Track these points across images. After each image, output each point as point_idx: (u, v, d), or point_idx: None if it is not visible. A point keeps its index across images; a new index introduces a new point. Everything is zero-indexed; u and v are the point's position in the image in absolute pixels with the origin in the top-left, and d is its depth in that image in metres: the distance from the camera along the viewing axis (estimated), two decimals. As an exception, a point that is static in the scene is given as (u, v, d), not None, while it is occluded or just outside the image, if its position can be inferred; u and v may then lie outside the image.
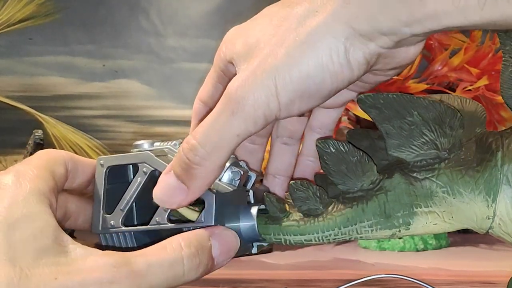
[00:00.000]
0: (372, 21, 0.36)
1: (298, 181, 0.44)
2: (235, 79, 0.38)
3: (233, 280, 0.74)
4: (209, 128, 0.39)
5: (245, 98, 0.37)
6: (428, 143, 0.42)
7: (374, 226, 0.43)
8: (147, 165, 0.44)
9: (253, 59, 0.38)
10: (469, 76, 1.01)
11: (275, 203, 0.44)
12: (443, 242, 1.06)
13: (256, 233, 0.44)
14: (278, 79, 0.37)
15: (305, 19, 0.37)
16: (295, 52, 0.37)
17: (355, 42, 0.36)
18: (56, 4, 1.37)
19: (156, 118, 1.40)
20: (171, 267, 0.39)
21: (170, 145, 0.45)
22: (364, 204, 0.43)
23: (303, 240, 0.45)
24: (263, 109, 0.37)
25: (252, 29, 0.40)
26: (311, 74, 0.37)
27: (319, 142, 0.43)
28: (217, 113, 0.38)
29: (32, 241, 0.36)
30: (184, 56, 1.41)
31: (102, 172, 0.45)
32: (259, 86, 0.37)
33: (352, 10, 0.36)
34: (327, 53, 0.36)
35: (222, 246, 0.41)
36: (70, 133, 1.33)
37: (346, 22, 0.36)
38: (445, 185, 0.42)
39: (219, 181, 0.43)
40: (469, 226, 0.43)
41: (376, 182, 0.43)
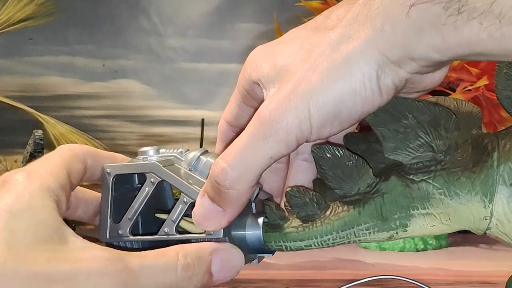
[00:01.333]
0: (405, 48, 0.36)
1: (295, 188, 0.44)
2: (267, 103, 0.38)
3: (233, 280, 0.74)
4: (240, 151, 0.38)
5: (278, 121, 0.37)
6: (424, 146, 0.42)
7: (371, 229, 0.43)
8: (154, 175, 0.43)
9: (284, 83, 0.38)
10: (469, 76, 1.01)
11: (275, 211, 0.45)
12: (443, 242, 1.06)
13: (261, 242, 0.44)
14: (311, 103, 0.37)
15: (338, 45, 0.37)
16: (329, 78, 0.37)
17: (386, 69, 0.37)
18: (56, 4, 1.37)
19: (156, 118, 1.40)
20: (164, 273, 0.39)
21: (176, 153, 0.45)
22: (360, 207, 0.43)
23: (303, 245, 0.45)
24: (295, 132, 0.37)
25: (280, 52, 0.40)
26: (344, 99, 0.37)
27: (314, 148, 0.43)
28: (249, 136, 0.38)
29: (33, 230, 0.37)
30: (184, 56, 1.41)
31: (109, 181, 0.44)
32: (293, 110, 0.37)
33: (386, 37, 0.36)
34: (360, 79, 0.37)
35: (223, 263, 0.41)
36: (70, 133, 1.33)
37: (379, 49, 0.36)
38: (442, 187, 0.42)
39: None
40: (466, 227, 0.43)
41: (372, 185, 0.43)
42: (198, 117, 1.40)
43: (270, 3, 1.40)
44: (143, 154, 0.45)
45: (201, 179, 0.43)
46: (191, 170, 0.44)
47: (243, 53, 1.40)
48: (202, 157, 0.44)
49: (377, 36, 0.36)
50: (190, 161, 0.44)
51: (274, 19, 1.16)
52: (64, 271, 0.36)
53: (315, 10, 1.12)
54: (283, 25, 1.16)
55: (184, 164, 0.44)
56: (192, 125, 1.40)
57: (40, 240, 0.37)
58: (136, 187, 0.46)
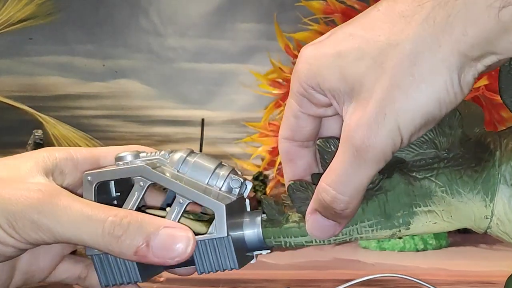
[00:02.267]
0: (487, 46, 0.36)
1: (297, 182, 0.44)
2: (355, 127, 0.38)
3: (233, 280, 0.74)
4: (343, 177, 0.39)
5: (375, 147, 0.38)
6: (427, 142, 0.42)
7: (374, 226, 0.43)
8: (144, 178, 0.42)
9: (365, 101, 0.38)
10: (469, 76, 1.01)
11: (274, 206, 0.44)
12: (443, 242, 1.06)
13: (261, 240, 0.44)
14: (401, 122, 0.37)
15: (416, 57, 0.36)
16: (413, 94, 0.36)
17: (466, 68, 0.36)
18: (56, 4, 1.37)
19: (156, 118, 1.40)
20: (88, 220, 0.40)
21: (159, 155, 0.44)
22: (364, 204, 0.43)
23: (304, 241, 0.44)
24: (390, 149, 0.38)
25: (342, 58, 0.39)
26: (430, 110, 0.37)
27: (320, 141, 0.43)
28: (348, 163, 0.39)
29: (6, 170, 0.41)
30: (184, 56, 1.41)
31: (91, 189, 0.43)
32: (384, 134, 0.37)
33: (469, 40, 0.35)
34: (443, 88, 0.36)
35: (166, 239, 0.40)
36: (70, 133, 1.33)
37: (460, 52, 0.36)
38: (444, 185, 0.42)
39: (219, 190, 0.43)
40: (467, 225, 0.43)
41: (376, 182, 0.43)
42: (198, 117, 1.40)
43: (270, 3, 1.40)
44: (121, 159, 0.43)
45: (192, 179, 0.43)
46: (179, 172, 0.43)
47: (243, 53, 1.40)
48: (189, 158, 0.43)
49: (460, 41, 0.35)
50: (177, 162, 0.43)
51: (274, 19, 1.16)
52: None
53: (315, 10, 1.12)
54: (283, 25, 1.16)
55: (170, 166, 0.43)
56: (192, 125, 1.40)
57: (5, 177, 0.41)
58: (114, 196, 0.45)
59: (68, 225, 0.39)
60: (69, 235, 0.40)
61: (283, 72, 1.11)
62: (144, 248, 0.40)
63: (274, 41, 1.16)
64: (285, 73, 1.11)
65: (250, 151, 1.16)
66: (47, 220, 0.39)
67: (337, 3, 1.10)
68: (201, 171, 0.43)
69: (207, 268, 0.42)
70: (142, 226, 0.40)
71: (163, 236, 0.40)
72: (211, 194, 0.42)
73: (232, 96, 1.41)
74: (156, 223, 0.40)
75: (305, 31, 1.12)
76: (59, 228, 0.39)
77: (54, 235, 0.40)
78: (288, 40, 1.14)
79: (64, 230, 0.39)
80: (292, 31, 1.13)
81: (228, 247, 0.42)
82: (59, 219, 0.39)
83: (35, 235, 0.39)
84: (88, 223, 0.39)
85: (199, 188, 0.42)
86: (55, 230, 0.39)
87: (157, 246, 0.40)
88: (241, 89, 1.35)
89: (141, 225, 0.40)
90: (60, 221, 0.39)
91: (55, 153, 0.43)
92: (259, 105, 1.28)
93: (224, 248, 0.42)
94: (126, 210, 0.41)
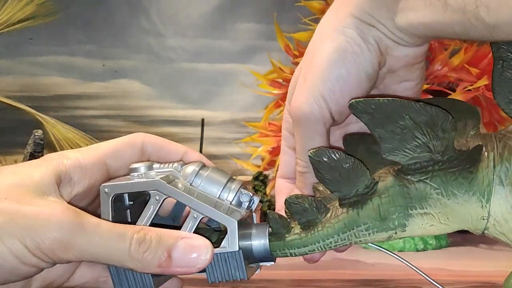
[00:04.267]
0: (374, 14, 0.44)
1: (293, 195, 0.45)
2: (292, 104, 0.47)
3: (233, 280, 0.75)
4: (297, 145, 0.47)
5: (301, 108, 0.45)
6: (421, 146, 0.42)
7: (370, 230, 0.44)
8: (159, 193, 0.43)
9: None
10: (469, 76, 1.01)
11: (278, 220, 0.45)
12: (443, 242, 1.06)
13: (267, 251, 0.45)
14: (314, 83, 0.44)
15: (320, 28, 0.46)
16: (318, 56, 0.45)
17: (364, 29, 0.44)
18: (56, 4, 1.37)
19: (156, 118, 1.40)
20: (116, 239, 0.40)
21: (172, 167, 0.45)
22: (359, 208, 0.43)
23: (307, 251, 0.45)
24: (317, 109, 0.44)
25: None
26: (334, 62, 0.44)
27: (311, 152, 0.43)
28: (296, 134, 0.47)
29: (19, 183, 0.41)
30: (184, 56, 1.41)
31: (108, 201, 0.44)
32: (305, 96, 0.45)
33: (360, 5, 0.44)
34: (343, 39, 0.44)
35: (186, 250, 0.41)
36: (70, 133, 1.33)
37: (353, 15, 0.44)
38: (439, 187, 0.42)
39: (230, 203, 0.44)
40: (465, 227, 0.43)
41: (370, 186, 0.43)
42: (198, 117, 1.40)
43: (270, 3, 1.40)
44: (136, 171, 0.44)
45: (204, 193, 0.44)
46: (192, 185, 0.44)
47: (243, 53, 1.40)
48: (201, 172, 0.45)
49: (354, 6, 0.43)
50: (190, 176, 0.44)
51: (274, 19, 1.16)
52: (15, 209, 0.39)
53: (315, 10, 1.12)
54: (283, 25, 1.16)
55: (183, 179, 0.44)
56: (192, 125, 1.40)
57: (21, 189, 0.40)
58: (127, 205, 0.46)
59: (99, 244, 0.40)
60: (98, 254, 0.40)
61: (283, 72, 1.11)
62: (167, 260, 0.41)
63: (274, 41, 1.16)
64: (285, 73, 1.11)
65: (250, 151, 1.15)
66: (79, 240, 0.39)
67: (337, 3, 1.10)
68: (213, 185, 0.44)
69: (218, 278, 0.43)
70: (162, 239, 0.41)
71: (183, 246, 0.41)
72: (222, 208, 0.43)
73: (232, 96, 1.41)
74: (174, 235, 0.41)
75: (305, 31, 1.12)
76: (90, 248, 0.39)
77: (83, 254, 0.40)
78: (288, 40, 1.13)
79: (94, 249, 0.40)
80: (292, 31, 1.12)
81: (238, 260, 0.43)
82: (91, 239, 0.39)
83: (63, 255, 0.39)
84: (117, 242, 0.40)
85: (211, 202, 0.43)
86: (86, 250, 0.39)
87: (178, 257, 0.41)
88: (241, 89, 1.35)
89: (161, 239, 0.41)
90: (91, 241, 0.39)
91: (63, 161, 0.43)
92: (259, 105, 1.28)
93: (235, 261, 0.43)
94: (146, 226, 0.42)
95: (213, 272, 0.43)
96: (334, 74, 0.43)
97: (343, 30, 0.43)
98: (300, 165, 0.46)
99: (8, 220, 0.38)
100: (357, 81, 0.43)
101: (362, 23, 0.43)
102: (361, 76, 0.43)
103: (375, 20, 0.43)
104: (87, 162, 0.44)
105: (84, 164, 0.44)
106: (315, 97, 0.43)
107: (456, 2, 0.39)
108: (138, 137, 0.47)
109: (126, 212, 0.46)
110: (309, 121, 0.44)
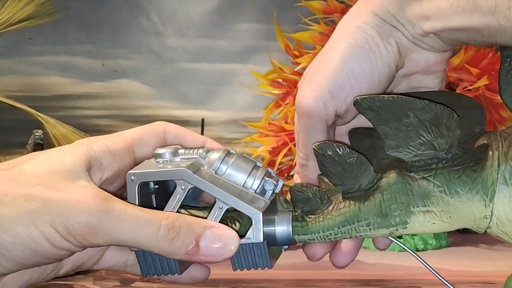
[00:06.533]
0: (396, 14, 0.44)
1: (298, 184, 0.46)
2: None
3: (233, 280, 0.74)
4: (299, 138, 0.47)
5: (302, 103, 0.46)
6: (425, 144, 0.42)
7: (371, 225, 0.44)
8: (185, 182, 0.44)
9: None
10: (469, 76, 1.01)
11: (284, 204, 0.46)
12: (443, 242, 1.06)
13: (290, 237, 0.46)
14: (321, 80, 0.45)
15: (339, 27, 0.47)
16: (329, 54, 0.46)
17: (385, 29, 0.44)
18: (56, 4, 1.37)
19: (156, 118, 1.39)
20: (145, 225, 0.41)
21: (196, 154, 0.45)
22: (361, 203, 0.44)
23: (306, 239, 0.46)
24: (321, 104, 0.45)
25: None
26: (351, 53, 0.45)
27: (316, 145, 0.43)
28: (299, 127, 0.48)
29: (49, 167, 0.41)
30: (184, 56, 1.41)
31: (134, 188, 0.44)
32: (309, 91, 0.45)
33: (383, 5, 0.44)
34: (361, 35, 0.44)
35: (214, 239, 0.42)
36: (70, 133, 1.33)
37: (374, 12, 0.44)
38: (442, 185, 0.42)
39: (254, 192, 0.44)
40: (467, 225, 0.43)
41: (373, 182, 0.44)
42: (198, 117, 1.40)
43: (270, 3, 1.40)
44: (161, 157, 0.45)
45: (229, 181, 0.44)
46: (217, 173, 0.44)
47: (243, 53, 1.40)
48: (226, 158, 0.45)
49: (376, 6, 0.43)
50: (215, 163, 0.45)
51: (274, 19, 1.16)
52: (47, 195, 0.40)
53: (315, 10, 1.12)
54: (283, 25, 1.16)
55: (208, 166, 0.45)
56: (192, 125, 1.40)
57: (52, 174, 0.41)
58: (152, 190, 0.46)
59: (127, 229, 0.40)
60: (126, 239, 0.41)
61: (283, 72, 1.11)
62: (194, 248, 0.41)
63: (274, 41, 1.16)
64: (285, 73, 1.11)
65: (250, 151, 1.15)
66: (107, 225, 0.40)
67: (337, 3, 1.10)
68: (238, 173, 0.45)
69: (242, 266, 0.44)
70: (191, 227, 0.42)
71: (210, 236, 0.42)
72: (246, 199, 0.43)
73: (232, 96, 1.41)
74: (203, 224, 0.42)
75: (305, 31, 1.12)
76: (118, 233, 0.40)
77: (111, 239, 0.41)
78: (288, 40, 1.13)
79: (122, 234, 0.40)
80: (292, 31, 1.12)
81: (263, 250, 0.44)
82: (118, 224, 0.40)
83: (92, 239, 0.40)
84: (145, 227, 0.41)
85: (236, 192, 0.44)
86: (114, 235, 0.40)
87: (205, 246, 0.42)
88: (241, 89, 1.35)
89: (190, 227, 0.42)
90: (119, 226, 0.40)
91: (92, 146, 0.44)
92: (259, 105, 1.28)
93: (259, 251, 0.44)
94: (174, 213, 0.43)
95: (238, 261, 0.44)
96: (346, 70, 0.43)
97: (363, 27, 0.43)
98: (300, 157, 0.46)
99: (40, 205, 0.39)
100: (370, 81, 0.43)
101: (384, 22, 0.43)
102: (374, 76, 0.43)
103: (397, 21, 0.43)
104: (115, 147, 0.45)
105: (113, 149, 0.45)
106: (321, 93, 0.44)
107: (486, 2, 0.38)
108: (161, 125, 0.48)
109: (152, 197, 0.46)
110: (311, 117, 0.44)
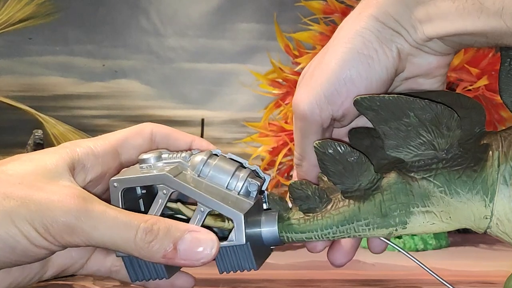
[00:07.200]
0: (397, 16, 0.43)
1: (298, 181, 0.45)
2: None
3: (233, 280, 0.74)
4: (295, 137, 0.47)
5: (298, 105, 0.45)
6: (425, 144, 0.42)
7: (370, 225, 0.44)
8: (166, 186, 0.44)
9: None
10: (469, 76, 1.01)
11: (278, 202, 0.45)
12: (443, 242, 1.06)
13: (276, 237, 0.45)
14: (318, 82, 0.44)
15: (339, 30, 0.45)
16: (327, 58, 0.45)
17: (385, 34, 0.44)
18: (56, 4, 1.37)
19: (156, 118, 1.40)
20: (122, 227, 0.41)
21: (180, 158, 0.45)
22: (360, 203, 0.44)
23: (304, 237, 0.45)
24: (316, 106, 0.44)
25: None
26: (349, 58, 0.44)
27: (317, 143, 0.43)
28: (294, 127, 0.47)
29: (32, 168, 0.42)
30: (184, 56, 1.41)
31: (117, 194, 0.44)
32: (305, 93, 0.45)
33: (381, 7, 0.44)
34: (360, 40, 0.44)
35: (192, 243, 0.42)
36: (70, 133, 1.33)
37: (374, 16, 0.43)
38: (443, 185, 0.42)
39: (238, 194, 0.44)
40: (467, 225, 0.43)
41: (373, 182, 0.43)
42: (198, 117, 1.40)
43: (270, 3, 1.40)
44: (145, 162, 0.45)
45: (212, 184, 0.44)
46: (200, 176, 0.44)
47: (243, 53, 1.40)
48: (209, 161, 0.45)
49: (375, 7, 0.42)
50: (198, 166, 0.44)
51: (274, 19, 1.16)
52: (27, 194, 0.40)
53: (315, 10, 1.12)
54: (283, 25, 1.16)
55: (191, 170, 0.44)
56: (192, 125, 1.40)
57: (35, 175, 0.42)
58: (139, 194, 0.46)
59: (104, 231, 0.41)
60: (104, 240, 0.41)
61: (283, 72, 1.11)
62: (172, 251, 0.41)
63: (274, 41, 1.16)
64: (285, 73, 1.11)
65: (250, 151, 1.15)
66: (85, 225, 0.40)
67: (337, 3, 1.10)
68: (221, 175, 0.44)
69: (228, 268, 0.44)
70: (170, 231, 0.41)
71: (189, 239, 0.42)
72: (229, 201, 0.43)
73: (232, 96, 1.41)
74: (182, 228, 0.42)
75: (305, 31, 1.12)
76: (95, 233, 0.41)
77: (89, 239, 0.41)
78: (288, 40, 1.13)
79: (100, 235, 0.41)
80: (292, 31, 1.12)
81: (247, 252, 0.43)
82: (96, 225, 0.40)
83: (70, 239, 0.41)
84: (123, 229, 0.41)
85: (219, 194, 0.43)
86: (91, 235, 0.41)
87: (184, 249, 0.41)
88: (241, 89, 1.35)
89: (169, 230, 0.41)
90: (96, 227, 0.40)
91: (76, 148, 0.45)
92: (259, 105, 1.27)
93: (243, 253, 0.43)
94: (154, 216, 0.43)
95: (223, 263, 0.44)
96: (343, 75, 0.43)
97: (362, 32, 0.43)
98: (295, 156, 0.47)
99: (20, 204, 0.40)
100: (367, 86, 0.43)
101: (385, 27, 0.42)
102: (371, 81, 0.43)
103: (400, 26, 0.42)
104: (99, 150, 0.45)
105: (97, 151, 0.45)
106: (317, 97, 0.43)
107: (493, 4, 0.37)
108: (147, 127, 0.48)
109: (139, 202, 0.46)
110: (305, 120, 0.44)
